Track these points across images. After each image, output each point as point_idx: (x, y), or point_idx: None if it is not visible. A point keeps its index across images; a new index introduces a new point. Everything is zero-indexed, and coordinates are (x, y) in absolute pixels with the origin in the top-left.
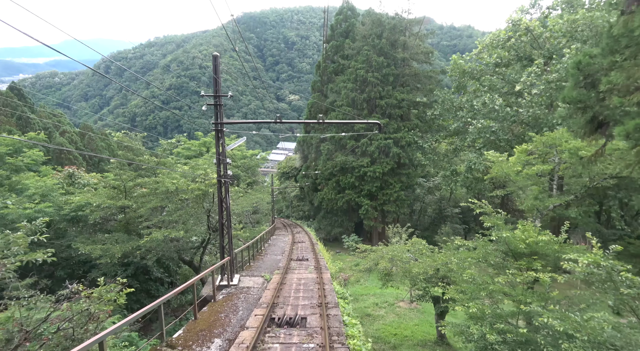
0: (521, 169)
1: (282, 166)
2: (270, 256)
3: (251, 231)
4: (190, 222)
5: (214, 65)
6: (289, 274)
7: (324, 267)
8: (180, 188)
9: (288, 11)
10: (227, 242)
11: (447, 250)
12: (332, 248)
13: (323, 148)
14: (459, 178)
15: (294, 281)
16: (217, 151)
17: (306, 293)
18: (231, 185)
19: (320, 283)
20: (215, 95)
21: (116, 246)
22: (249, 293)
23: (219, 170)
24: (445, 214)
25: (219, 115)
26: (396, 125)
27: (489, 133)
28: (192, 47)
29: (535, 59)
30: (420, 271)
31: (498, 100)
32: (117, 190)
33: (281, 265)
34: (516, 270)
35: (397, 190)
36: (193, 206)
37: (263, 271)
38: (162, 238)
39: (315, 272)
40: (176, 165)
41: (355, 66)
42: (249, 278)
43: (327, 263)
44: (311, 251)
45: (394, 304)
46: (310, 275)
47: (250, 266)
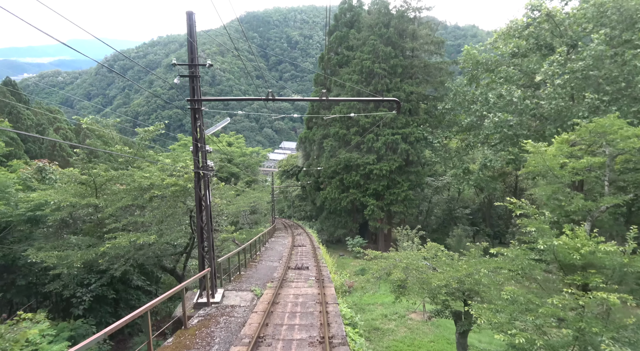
0: (567, 162)
1: (283, 164)
2: (266, 262)
3: (248, 232)
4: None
5: (189, 24)
6: (284, 288)
7: (327, 279)
8: (155, 183)
9: (291, 10)
10: (208, 249)
11: (470, 258)
12: (335, 251)
13: (326, 144)
14: (472, 176)
15: (290, 300)
16: (194, 136)
17: (304, 318)
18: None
19: (322, 303)
20: (190, 64)
21: (77, 253)
22: (233, 316)
23: (195, 159)
24: (456, 215)
25: (196, 90)
26: (404, 119)
27: (507, 128)
28: None
29: (556, 47)
30: (442, 284)
31: (516, 91)
32: (85, 187)
33: (276, 275)
34: (568, 286)
35: (405, 190)
36: (170, 205)
37: (254, 284)
38: (129, 244)
39: (317, 285)
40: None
41: (360, 57)
42: (235, 293)
43: (330, 274)
44: (312, 257)
45: (405, 316)
46: (310, 289)
47: (240, 277)
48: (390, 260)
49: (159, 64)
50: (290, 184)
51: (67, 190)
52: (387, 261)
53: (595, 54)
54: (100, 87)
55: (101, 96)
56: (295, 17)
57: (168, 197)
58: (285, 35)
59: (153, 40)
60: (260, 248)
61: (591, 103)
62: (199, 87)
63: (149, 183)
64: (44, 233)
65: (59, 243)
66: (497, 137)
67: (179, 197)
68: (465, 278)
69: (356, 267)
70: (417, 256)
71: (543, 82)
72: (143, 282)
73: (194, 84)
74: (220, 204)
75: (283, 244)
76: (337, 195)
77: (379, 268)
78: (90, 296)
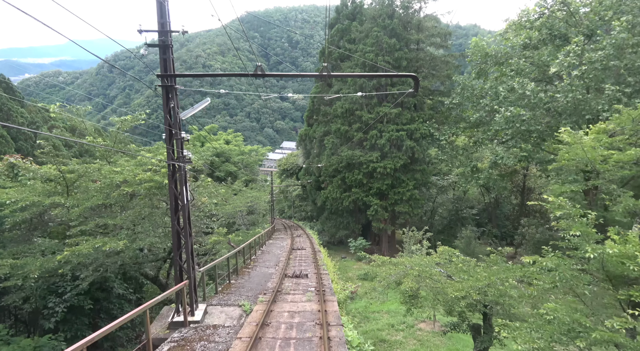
0: (611, 154)
1: (282, 163)
2: (261, 268)
3: (245, 234)
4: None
5: None
6: (278, 303)
7: (329, 290)
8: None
9: (292, 10)
10: (187, 257)
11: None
12: (337, 253)
13: (327, 141)
14: (482, 175)
15: (284, 320)
16: (166, 120)
17: (301, 346)
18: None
19: (323, 325)
20: (159, 30)
21: (36, 261)
22: (213, 340)
23: (169, 149)
24: (462, 216)
25: (168, 63)
26: (409, 115)
27: (519, 123)
28: (196, 46)
29: (572, 37)
30: (460, 295)
31: (529, 84)
32: (54, 184)
33: (271, 284)
34: (618, 302)
35: (410, 189)
36: (146, 204)
37: (244, 296)
38: (92, 251)
39: (317, 299)
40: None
41: (363, 50)
42: (220, 309)
43: (332, 283)
44: (312, 262)
45: (414, 326)
46: (309, 305)
47: (229, 287)
48: (400, 266)
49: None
50: (290, 183)
51: (35, 188)
52: (397, 268)
53: (616, 42)
54: (100, 87)
55: (102, 96)
56: (296, 16)
57: (142, 194)
58: (286, 35)
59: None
60: (257, 252)
61: (612, 96)
62: (172, 60)
63: (122, 179)
64: (11, 237)
65: (21, 248)
66: (509, 133)
67: (155, 195)
68: (487, 288)
69: (359, 271)
70: (430, 262)
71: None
72: (125, 290)
73: (165, 55)
74: (210, 204)
75: (281, 247)
76: (338, 194)
77: (387, 276)
78: (64, 307)
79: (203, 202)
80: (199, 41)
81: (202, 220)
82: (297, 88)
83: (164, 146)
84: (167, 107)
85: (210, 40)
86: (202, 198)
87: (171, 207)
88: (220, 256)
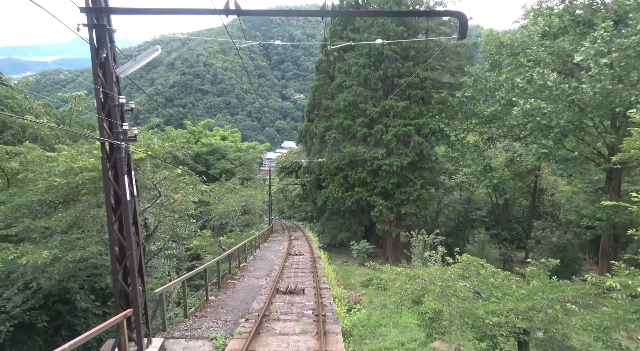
0: None
1: (281, 160)
2: (249, 279)
3: (238, 236)
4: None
5: None
6: (263, 336)
7: (331, 314)
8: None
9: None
10: (131, 275)
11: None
12: (338, 256)
13: (328, 137)
14: (496, 174)
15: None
16: (96, 78)
17: None
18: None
19: None
20: None
21: None
22: None
23: (101, 121)
24: (472, 218)
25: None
26: (418, 109)
27: (540, 116)
28: (197, 45)
29: (598, 23)
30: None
31: (551, 74)
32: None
33: (257, 304)
34: None
35: (417, 188)
36: (89, 202)
37: (220, 321)
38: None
39: (315, 331)
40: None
41: (368, 38)
42: (183, 344)
43: (336, 304)
44: (311, 272)
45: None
46: (303, 340)
47: (204, 306)
48: (417, 280)
49: (160, 62)
50: (290, 182)
51: None
52: (414, 282)
53: None
54: None
55: None
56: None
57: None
58: (288, 34)
59: (155, 38)
60: (248, 257)
61: None
62: None
63: (64, 168)
64: None
65: None
66: (528, 128)
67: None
68: (532, 312)
69: (362, 277)
70: (453, 274)
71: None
72: (91, 303)
73: None
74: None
75: (277, 251)
76: (340, 194)
77: (402, 292)
78: (11, 325)
79: (176, 199)
80: (200, 40)
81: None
82: (299, 87)
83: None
84: (98, 58)
85: (212, 39)
86: (175, 195)
87: (107, 204)
88: (206, 261)
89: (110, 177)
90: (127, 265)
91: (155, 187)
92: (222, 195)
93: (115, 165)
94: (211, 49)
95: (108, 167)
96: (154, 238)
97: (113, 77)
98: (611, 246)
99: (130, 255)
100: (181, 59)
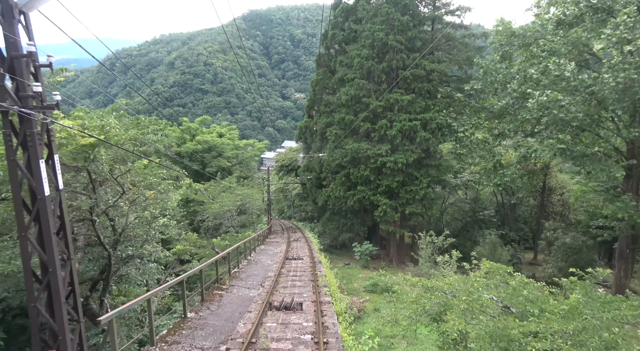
0: None
1: (281, 158)
2: (239, 289)
3: (232, 238)
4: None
5: None
6: None
7: (335, 343)
8: None
9: (295, 8)
10: (54, 304)
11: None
12: (340, 259)
13: (329, 133)
14: (508, 171)
15: None
16: None
17: None
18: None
19: None
20: None
21: None
22: None
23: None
24: (480, 218)
25: None
26: (424, 103)
27: (557, 109)
28: (197, 44)
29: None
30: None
31: (569, 64)
32: None
33: (243, 327)
34: None
35: (424, 187)
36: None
37: (196, 350)
38: None
39: None
40: None
41: (371, 29)
42: None
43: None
44: (310, 280)
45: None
46: None
47: (181, 326)
48: (436, 293)
49: (160, 61)
50: (289, 181)
51: None
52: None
53: None
54: (101, 85)
55: (102, 94)
56: (299, 15)
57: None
58: (289, 34)
59: (155, 38)
60: (241, 262)
61: None
62: None
63: None
64: None
65: None
66: (544, 122)
67: None
68: (583, 336)
69: (366, 281)
70: (477, 284)
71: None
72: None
73: None
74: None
75: (274, 254)
76: (342, 193)
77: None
78: None
79: (149, 196)
80: (200, 39)
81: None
82: (299, 87)
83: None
84: None
85: (212, 39)
86: (146, 192)
87: (16, 202)
88: (196, 266)
89: (21, 162)
90: (50, 287)
91: (117, 181)
92: (217, 194)
93: (25, 144)
94: (211, 48)
95: (14, 146)
96: (125, 242)
97: (15, 13)
98: (629, 248)
99: (54, 274)
100: (181, 59)
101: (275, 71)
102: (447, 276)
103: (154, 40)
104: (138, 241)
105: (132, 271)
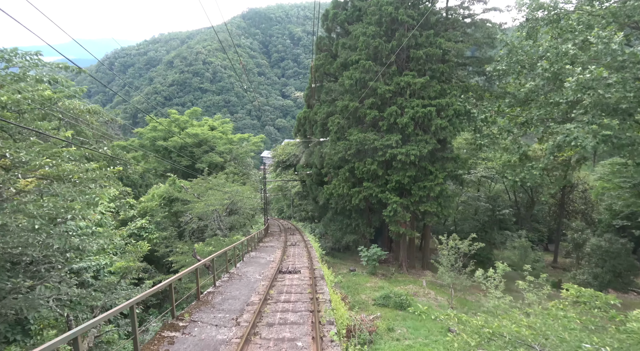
0: None
1: (278, 153)
2: (201, 330)
3: (218, 242)
4: None
5: None
6: None
7: None
8: None
9: (294, 7)
10: None
11: None
12: (344, 264)
13: (331, 123)
14: (538, 164)
15: None
16: None
17: None
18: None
19: None
20: None
21: None
22: None
23: None
24: (499, 218)
25: None
26: (439, 87)
27: (602, 88)
28: (196, 43)
29: None
30: None
31: (616, 34)
32: None
33: None
34: None
35: (439, 182)
36: None
37: None
38: None
39: None
40: None
41: (379, 3)
42: None
43: None
44: (308, 312)
45: None
46: None
47: None
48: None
49: (159, 61)
50: (288, 179)
51: None
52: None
53: None
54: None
55: (101, 94)
56: (298, 13)
57: None
58: (288, 32)
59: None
60: (222, 276)
61: None
62: None
63: None
64: None
65: None
66: (585, 105)
67: None
68: None
69: (375, 290)
70: (571, 325)
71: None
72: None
73: None
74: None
75: (265, 264)
76: (345, 190)
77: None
78: None
79: (23, 187)
80: (199, 38)
81: (39, 234)
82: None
83: None
84: None
85: (211, 37)
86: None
87: None
88: (144, 290)
89: None
90: None
91: None
92: (203, 191)
93: None
94: (210, 46)
95: None
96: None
97: None
98: None
99: None
100: (180, 57)
101: (275, 69)
102: (497, 297)
103: (153, 39)
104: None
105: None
